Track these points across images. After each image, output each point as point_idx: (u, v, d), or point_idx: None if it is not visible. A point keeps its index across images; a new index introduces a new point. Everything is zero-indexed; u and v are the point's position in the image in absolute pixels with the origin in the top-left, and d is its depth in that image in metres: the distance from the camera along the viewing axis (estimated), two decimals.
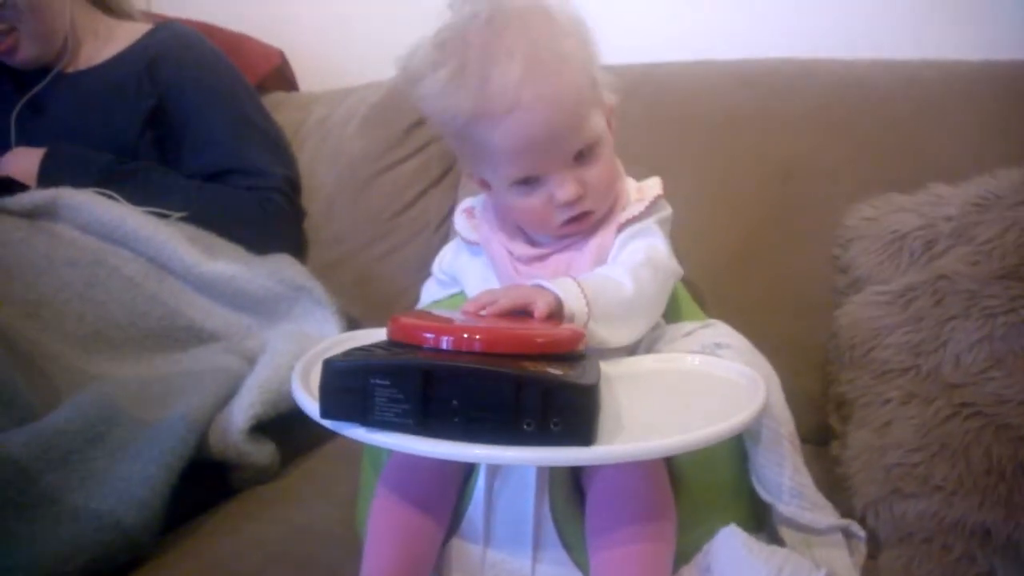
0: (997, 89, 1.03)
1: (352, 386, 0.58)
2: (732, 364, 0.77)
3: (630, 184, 0.90)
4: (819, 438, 0.93)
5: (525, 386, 0.56)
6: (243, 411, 0.93)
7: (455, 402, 0.56)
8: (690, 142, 1.15)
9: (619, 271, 0.79)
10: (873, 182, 0.97)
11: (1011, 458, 0.74)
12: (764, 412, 0.75)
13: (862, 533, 0.77)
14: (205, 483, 0.92)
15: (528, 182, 0.81)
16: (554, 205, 0.81)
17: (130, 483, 0.81)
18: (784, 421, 0.78)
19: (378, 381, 0.57)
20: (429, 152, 1.36)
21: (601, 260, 0.85)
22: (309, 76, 1.65)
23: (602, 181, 0.83)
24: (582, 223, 0.84)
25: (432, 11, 1.60)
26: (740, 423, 0.65)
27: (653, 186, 0.89)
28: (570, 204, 0.81)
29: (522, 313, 0.71)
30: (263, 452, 0.95)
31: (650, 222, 0.86)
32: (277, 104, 1.49)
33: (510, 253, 0.88)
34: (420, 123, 1.35)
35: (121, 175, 1.17)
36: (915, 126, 1.05)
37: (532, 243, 0.88)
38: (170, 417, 0.89)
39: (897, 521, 0.77)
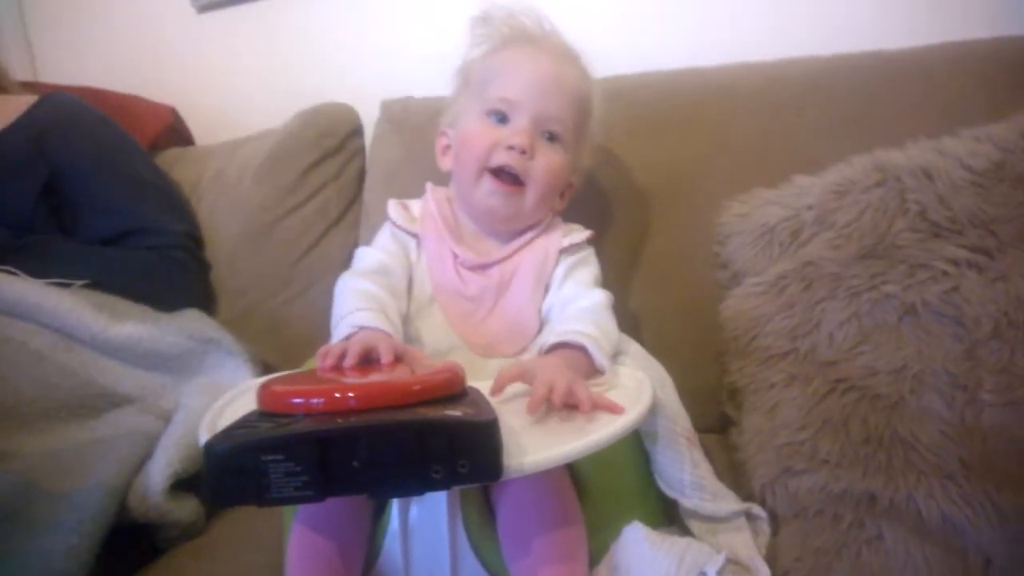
0: (850, 81, 1.09)
1: (242, 466, 0.54)
2: (619, 368, 0.82)
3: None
4: (722, 427, 0.97)
5: (429, 434, 0.55)
6: (160, 471, 0.93)
7: (355, 463, 0.55)
8: None
9: (606, 317, 0.88)
10: (746, 179, 1.02)
11: (886, 426, 0.79)
12: (657, 411, 0.80)
13: (763, 514, 0.82)
14: (131, 547, 0.92)
15: (501, 116, 0.92)
16: (502, 145, 0.90)
17: (51, 557, 0.80)
18: (679, 419, 0.82)
19: (270, 457, 0.54)
20: (326, 193, 1.37)
21: (542, 276, 0.93)
22: (206, 130, 1.65)
23: (544, 171, 0.91)
24: (508, 189, 0.91)
25: (320, 56, 1.64)
26: (630, 421, 0.68)
27: (580, 228, 0.99)
28: (513, 150, 0.89)
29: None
30: (186, 509, 0.95)
31: (591, 253, 0.97)
32: (173, 160, 1.49)
33: (455, 256, 0.93)
34: (314, 166, 1.37)
35: (18, 250, 1.16)
36: (777, 123, 1.10)
37: (478, 252, 0.94)
38: (87, 486, 0.88)
39: (791, 497, 0.81)
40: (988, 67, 1.03)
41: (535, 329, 0.91)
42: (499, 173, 0.91)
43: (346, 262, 1.31)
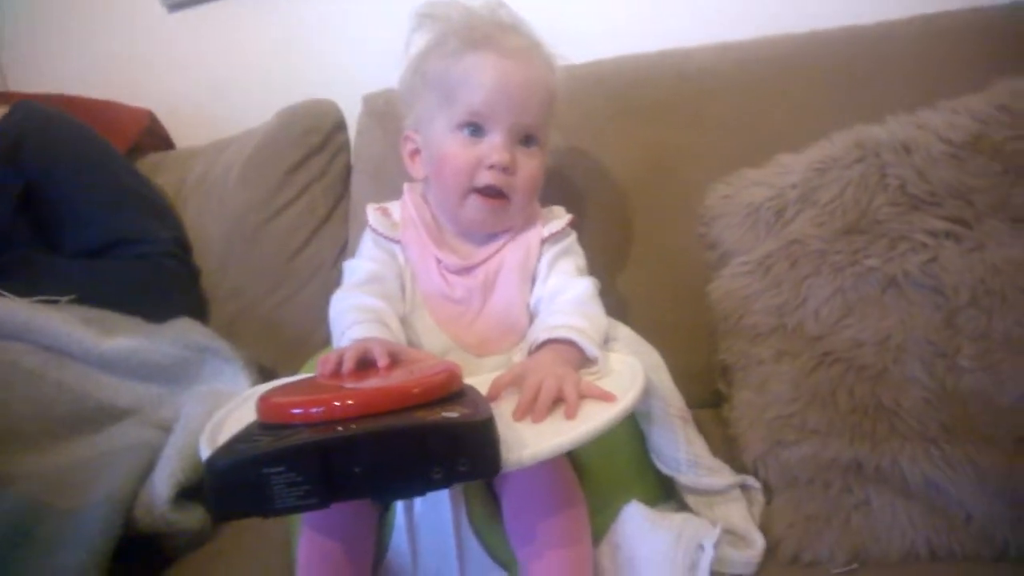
0: (828, 58, 1.11)
1: (244, 480, 0.54)
2: (610, 355, 0.84)
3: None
4: (717, 403, 0.99)
5: (429, 436, 0.56)
6: (164, 481, 0.93)
7: (357, 470, 0.55)
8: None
9: (593, 306, 0.89)
10: (728, 160, 1.03)
11: (871, 395, 0.81)
12: (651, 393, 0.82)
13: (757, 484, 0.85)
14: (140, 557, 0.93)
15: (474, 128, 0.89)
16: (483, 165, 0.89)
17: (63, 574, 0.81)
18: (673, 400, 0.85)
19: (272, 470, 0.54)
20: (313, 192, 1.37)
21: (527, 270, 0.93)
22: (184, 131, 1.64)
23: (528, 179, 0.91)
24: (495, 204, 0.91)
25: (296, 51, 1.62)
26: (624, 407, 0.70)
27: (561, 211, 0.99)
28: (496, 169, 0.88)
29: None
30: (192, 518, 0.95)
31: (573, 239, 0.97)
32: (155, 165, 1.48)
33: (438, 261, 0.93)
34: (299, 164, 1.36)
35: (0, 269, 1.15)
36: (757, 103, 1.11)
37: (461, 255, 0.94)
38: (93, 501, 0.88)
39: (783, 468, 0.84)
40: (963, 38, 1.04)
41: (526, 324, 0.92)
42: (484, 189, 0.90)
43: (336, 261, 1.33)
